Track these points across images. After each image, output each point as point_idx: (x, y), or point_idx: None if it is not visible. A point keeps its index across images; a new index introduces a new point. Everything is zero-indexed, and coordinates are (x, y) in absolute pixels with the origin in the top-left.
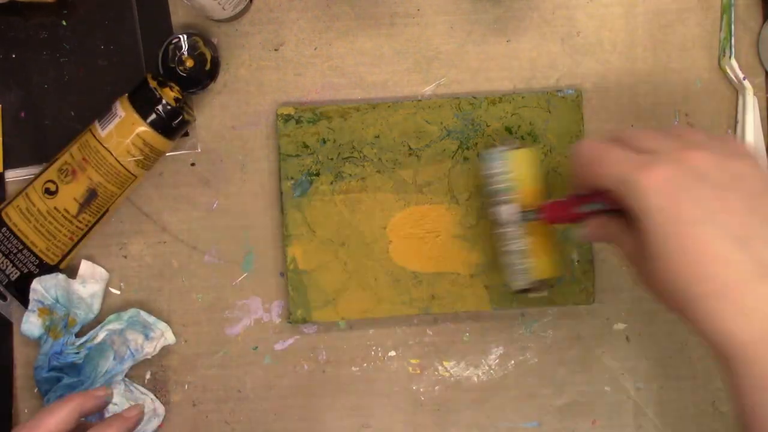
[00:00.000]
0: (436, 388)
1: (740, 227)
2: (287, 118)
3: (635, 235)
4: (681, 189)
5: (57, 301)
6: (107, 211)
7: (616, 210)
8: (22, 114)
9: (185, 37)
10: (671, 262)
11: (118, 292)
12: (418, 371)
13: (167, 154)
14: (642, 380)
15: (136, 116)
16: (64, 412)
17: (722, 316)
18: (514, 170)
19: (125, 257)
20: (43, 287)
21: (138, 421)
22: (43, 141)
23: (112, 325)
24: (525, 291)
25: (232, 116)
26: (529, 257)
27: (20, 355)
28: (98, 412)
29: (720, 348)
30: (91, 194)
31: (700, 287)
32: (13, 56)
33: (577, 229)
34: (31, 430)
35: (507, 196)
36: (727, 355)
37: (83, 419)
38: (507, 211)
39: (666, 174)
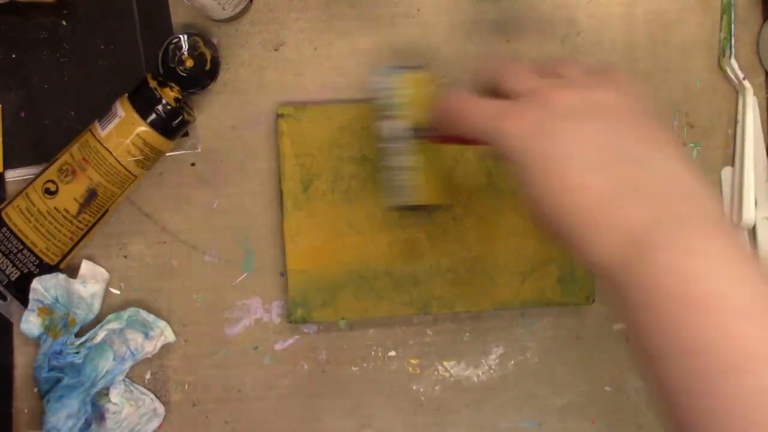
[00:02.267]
0: (436, 388)
1: (598, 153)
2: (287, 118)
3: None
4: (543, 130)
5: (57, 300)
6: (107, 211)
7: None
8: (22, 114)
9: (185, 37)
10: (542, 198)
11: (118, 292)
12: (418, 371)
13: (167, 154)
14: (642, 380)
15: (136, 116)
16: None
17: (590, 243)
18: (407, 89)
19: (125, 257)
20: (43, 287)
21: None
22: (43, 141)
23: (112, 324)
24: (403, 209)
25: (232, 116)
26: (411, 175)
27: (20, 354)
28: (98, 413)
29: (599, 275)
30: (91, 194)
31: (569, 220)
32: (13, 56)
33: (491, 152)
34: None
35: (397, 111)
36: (604, 280)
37: None
38: (394, 127)
39: (528, 119)
